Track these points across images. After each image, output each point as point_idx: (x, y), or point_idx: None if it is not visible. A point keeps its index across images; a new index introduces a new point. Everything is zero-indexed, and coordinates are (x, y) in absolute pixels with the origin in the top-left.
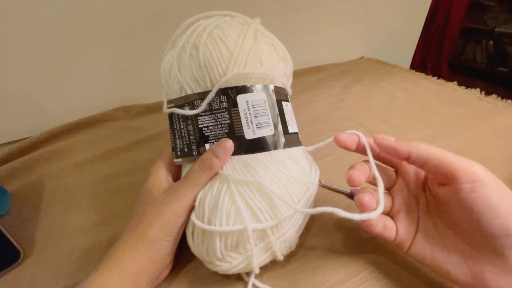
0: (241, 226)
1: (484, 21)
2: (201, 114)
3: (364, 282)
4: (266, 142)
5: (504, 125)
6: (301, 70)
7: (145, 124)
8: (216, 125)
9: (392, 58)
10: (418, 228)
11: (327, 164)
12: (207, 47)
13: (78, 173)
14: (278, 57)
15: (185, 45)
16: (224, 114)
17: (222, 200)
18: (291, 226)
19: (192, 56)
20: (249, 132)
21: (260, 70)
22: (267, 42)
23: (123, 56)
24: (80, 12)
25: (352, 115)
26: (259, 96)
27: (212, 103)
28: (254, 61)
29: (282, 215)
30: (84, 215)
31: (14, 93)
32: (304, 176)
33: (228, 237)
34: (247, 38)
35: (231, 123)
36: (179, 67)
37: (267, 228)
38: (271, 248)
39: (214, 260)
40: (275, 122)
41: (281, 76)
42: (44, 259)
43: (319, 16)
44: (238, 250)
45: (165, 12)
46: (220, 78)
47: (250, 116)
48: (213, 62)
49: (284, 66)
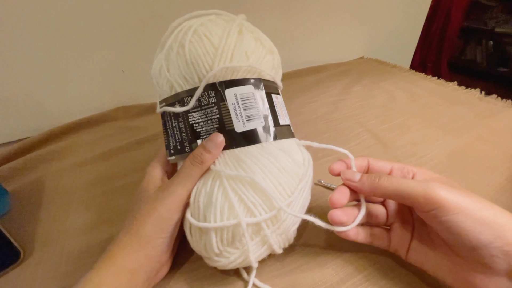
0: (235, 221)
1: (484, 21)
2: (191, 110)
3: (364, 282)
4: (257, 134)
5: (504, 125)
6: (301, 70)
7: (145, 124)
8: (206, 120)
9: (392, 58)
10: (413, 236)
11: (327, 164)
12: (192, 44)
13: (78, 173)
14: (264, 50)
15: (172, 44)
16: (214, 109)
17: (216, 196)
18: (286, 219)
19: (179, 54)
20: (239, 125)
21: (247, 63)
22: (252, 36)
23: (123, 56)
24: (80, 12)
25: (352, 115)
26: (247, 90)
27: (201, 98)
28: (240, 55)
29: (275, 209)
30: (84, 215)
31: (14, 93)
32: (297, 167)
33: (223, 233)
34: (232, 33)
35: (221, 117)
36: (168, 67)
37: (262, 221)
38: (267, 242)
39: (212, 256)
40: (265, 115)
41: (269, 69)
42: (44, 259)
43: (319, 16)
44: (235, 245)
45: (165, 12)
46: (207, 74)
47: (239, 109)
48: (199, 58)
49: (272, 59)
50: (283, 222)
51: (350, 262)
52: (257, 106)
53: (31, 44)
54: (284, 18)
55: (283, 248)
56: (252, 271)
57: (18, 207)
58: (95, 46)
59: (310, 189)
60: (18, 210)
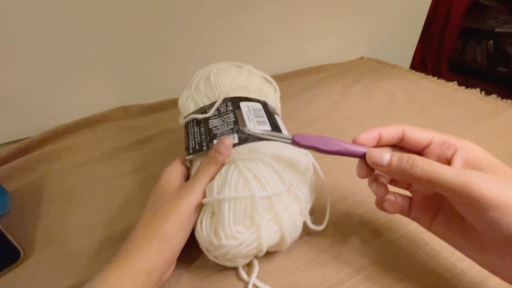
0: (249, 193)
1: (484, 21)
2: (211, 118)
3: (363, 282)
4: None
5: (504, 125)
6: (301, 70)
7: (145, 124)
8: (223, 124)
9: (392, 58)
10: (439, 211)
11: (327, 164)
12: (216, 75)
13: (78, 173)
14: (270, 85)
15: (200, 80)
16: (230, 114)
17: (231, 175)
18: (294, 201)
19: (205, 83)
20: (251, 126)
21: (257, 85)
22: (259, 75)
23: (123, 56)
24: (80, 12)
25: (352, 115)
26: (257, 105)
27: (220, 108)
28: (251, 83)
29: (286, 185)
30: (84, 215)
31: (14, 93)
32: (302, 158)
33: (236, 205)
34: (244, 71)
35: (236, 120)
36: (194, 94)
37: (273, 196)
38: (279, 222)
39: (222, 240)
40: (271, 123)
41: (272, 98)
42: (44, 259)
43: (319, 16)
44: (247, 224)
45: (165, 13)
46: (222, 91)
47: (251, 115)
48: (221, 82)
49: (274, 92)
50: (292, 202)
51: (350, 262)
52: (264, 117)
53: (31, 44)
54: (284, 18)
55: (290, 241)
56: (252, 272)
57: (18, 207)
58: (95, 46)
59: (313, 184)
60: (18, 210)
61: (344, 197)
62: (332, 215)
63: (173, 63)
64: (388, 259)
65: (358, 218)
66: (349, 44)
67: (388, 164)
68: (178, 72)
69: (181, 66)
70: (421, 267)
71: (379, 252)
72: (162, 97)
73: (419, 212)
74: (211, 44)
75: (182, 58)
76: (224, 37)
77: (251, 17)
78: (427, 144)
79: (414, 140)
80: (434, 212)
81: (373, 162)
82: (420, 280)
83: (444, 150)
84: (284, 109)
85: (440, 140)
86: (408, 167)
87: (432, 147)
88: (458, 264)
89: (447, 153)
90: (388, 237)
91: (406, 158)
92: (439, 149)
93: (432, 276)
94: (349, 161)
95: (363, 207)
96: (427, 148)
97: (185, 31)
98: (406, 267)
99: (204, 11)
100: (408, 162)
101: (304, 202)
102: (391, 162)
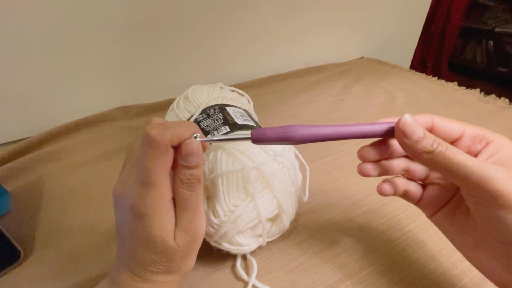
0: (239, 166)
1: (484, 21)
2: (202, 120)
3: (362, 282)
4: (253, 126)
5: (504, 125)
6: (301, 70)
7: (145, 124)
8: (213, 122)
9: (392, 58)
10: (448, 203)
11: (324, 166)
12: (193, 93)
13: (78, 173)
14: (242, 96)
15: (179, 100)
16: (219, 114)
17: (220, 156)
18: (282, 168)
19: (184, 101)
20: (239, 121)
21: (231, 96)
22: (230, 89)
23: (123, 56)
24: (80, 12)
25: (352, 115)
26: (240, 110)
27: (209, 111)
28: (225, 94)
29: (271, 155)
30: (84, 215)
31: (14, 93)
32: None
33: (229, 179)
34: (217, 87)
35: (225, 118)
36: (176, 111)
37: (261, 165)
38: (272, 190)
39: (221, 216)
40: (256, 123)
41: (248, 109)
42: (44, 259)
43: (319, 16)
44: (241, 196)
45: (165, 13)
46: (201, 104)
47: (237, 114)
48: (198, 96)
49: (248, 103)
50: (281, 170)
51: (349, 262)
52: (248, 118)
53: (31, 44)
54: (284, 18)
55: (289, 212)
56: (252, 272)
57: (18, 207)
58: (95, 46)
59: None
60: (18, 210)
61: (343, 197)
62: (331, 215)
63: (173, 63)
64: (388, 259)
65: (358, 218)
66: (349, 44)
67: (421, 139)
68: (178, 72)
69: (181, 66)
70: (420, 267)
71: (379, 251)
72: (162, 97)
73: (428, 202)
74: (211, 44)
75: (182, 58)
76: (223, 37)
77: (251, 17)
78: (459, 137)
79: (444, 132)
80: (443, 204)
81: (406, 131)
82: (420, 280)
83: (475, 144)
84: (284, 109)
85: (473, 133)
86: (432, 150)
87: (464, 140)
88: (458, 264)
89: (478, 147)
90: (388, 237)
91: (433, 140)
92: (470, 142)
93: (432, 276)
94: (348, 161)
95: (362, 207)
96: (458, 141)
97: (185, 31)
98: (405, 267)
99: (204, 11)
100: (433, 145)
101: (292, 172)
102: (425, 136)
